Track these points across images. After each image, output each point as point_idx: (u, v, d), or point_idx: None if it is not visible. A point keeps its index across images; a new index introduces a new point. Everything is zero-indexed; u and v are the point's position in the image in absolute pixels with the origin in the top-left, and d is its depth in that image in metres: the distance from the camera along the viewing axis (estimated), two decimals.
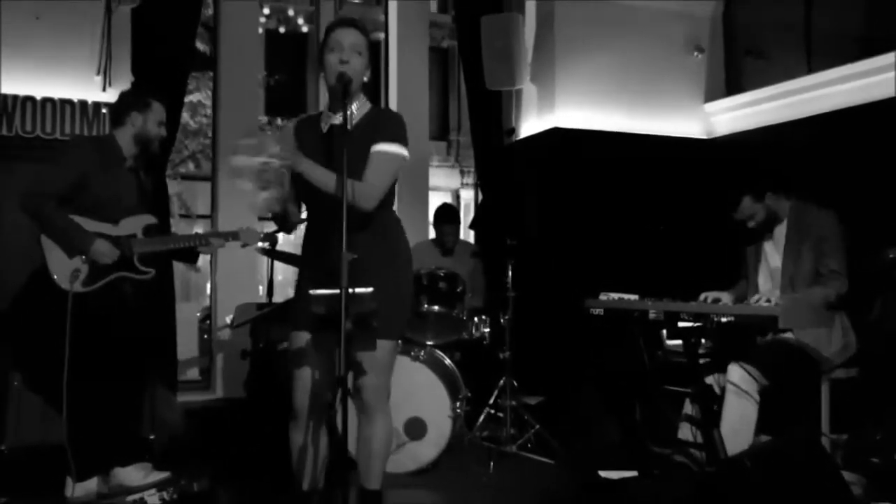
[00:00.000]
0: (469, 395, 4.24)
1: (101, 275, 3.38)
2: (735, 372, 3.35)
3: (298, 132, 2.69)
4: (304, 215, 2.80)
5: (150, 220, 3.56)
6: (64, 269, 3.32)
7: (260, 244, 4.28)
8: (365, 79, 2.62)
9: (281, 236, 4.20)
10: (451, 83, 17.68)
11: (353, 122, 2.61)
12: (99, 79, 4.72)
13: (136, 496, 3.38)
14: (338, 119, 2.60)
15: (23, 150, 4.50)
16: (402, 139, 2.61)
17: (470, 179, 17.15)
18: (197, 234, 3.77)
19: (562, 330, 5.04)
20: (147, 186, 3.70)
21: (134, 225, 3.50)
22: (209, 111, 13.62)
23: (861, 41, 5.39)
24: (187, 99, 5.82)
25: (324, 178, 2.45)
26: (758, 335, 3.47)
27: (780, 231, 3.56)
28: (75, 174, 3.33)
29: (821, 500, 2.71)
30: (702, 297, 3.42)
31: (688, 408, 3.54)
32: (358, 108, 2.65)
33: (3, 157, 4.46)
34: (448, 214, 5.07)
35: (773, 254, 3.60)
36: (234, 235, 3.73)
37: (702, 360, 3.48)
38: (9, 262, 4.18)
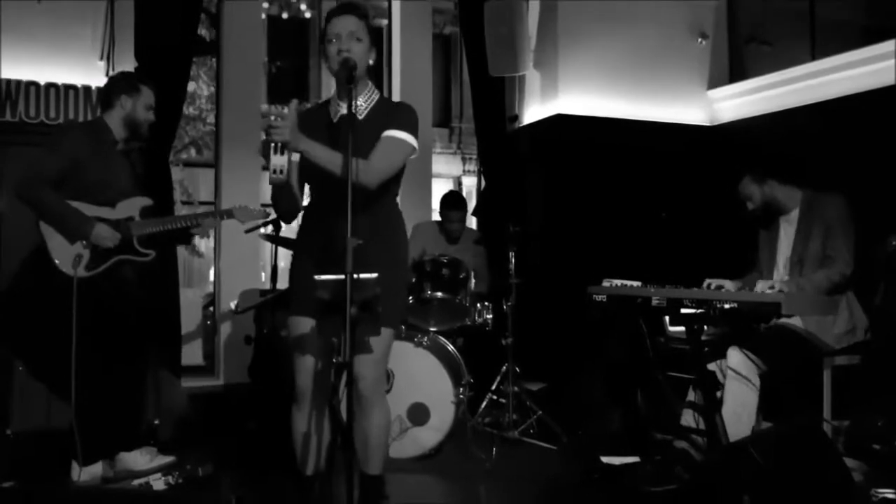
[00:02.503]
0: (472, 381, 4.25)
1: (102, 259, 3.39)
2: (734, 356, 3.35)
3: (304, 120, 2.66)
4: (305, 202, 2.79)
5: (145, 201, 3.57)
6: (66, 254, 3.33)
7: (263, 230, 4.29)
8: (370, 62, 2.61)
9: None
10: (454, 70, 17.61)
11: (364, 111, 2.61)
12: (102, 64, 4.71)
13: (142, 480, 3.40)
14: (346, 108, 2.59)
15: (26, 135, 4.50)
16: (413, 130, 2.61)
17: (472, 166, 17.11)
18: (193, 213, 3.78)
19: (564, 316, 5.05)
20: (139, 169, 3.70)
21: (130, 207, 3.51)
22: (207, 97, 13.60)
23: (864, 28, 5.38)
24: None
25: (327, 156, 2.43)
26: (761, 322, 3.48)
27: (794, 219, 3.57)
28: (69, 159, 3.33)
29: (822, 486, 2.72)
30: (705, 283, 3.43)
31: (691, 394, 3.55)
32: (367, 97, 2.64)
33: (7, 142, 4.46)
34: (455, 201, 5.02)
35: (785, 243, 3.61)
36: (228, 214, 3.75)
37: (705, 347, 3.49)
38: (15, 249, 4.18)
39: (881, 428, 3.36)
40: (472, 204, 5.90)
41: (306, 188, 2.73)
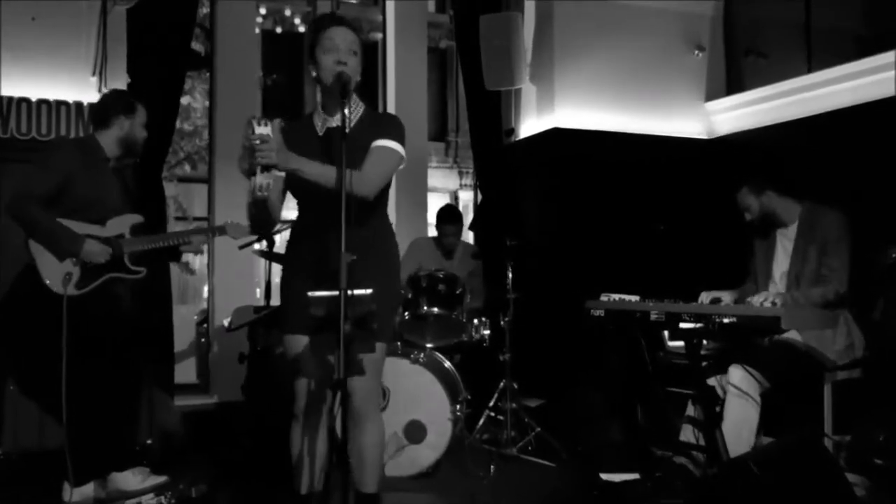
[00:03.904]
0: (469, 397, 4.22)
1: (93, 276, 3.36)
2: (736, 373, 3.33)
3: (289, 135, 2.61)
4: (284, 216, 2.76)
5: (136, 219, 3.55)
6: (56, 272, 3.30)
7: (257, 246, 4.26)
8: (358, 78, 2.59)
9: (278, 238, 4.19)
10: (450, 84, 17.69)
11: (351, 123, 2.59)
12: (95, 80, 4.71)
13: (134, 501, 3.37)
14: (335, 121, 2.57)
15: (18, 151, 4.48)
16: (401, 139, 2.59)
17: (469, 180, 17.16)
18: (185, 230, 3.76)
19: (562, 331, 5.03)
20: (130, 186, 3.68)
21: (121, 225, 3.48)
22: (202, 113, 13.63)
23: (860, 40, 5.40)
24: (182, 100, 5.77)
25: (318, 171, 2.40)
26: (761, 336, 3.45)
27: (791, 234, 3.55)
28: (60, 176, 3.31)
29: (824, 501, 2.69)
30: (701, 296, 3.40)
31: (690, 410, 3.52)
32: (353, 109, 2.62)
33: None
34: (450, 216, 5.02)
35: (782, 256, 3.59)
36: (220, 230, 3.74)
37: (704, 362, 3.46)
38: (5, 267, 4.14)
39: (883, 442, 3.33)
40: (469, 218, 5.89)
41: (292, 202, 2.70)
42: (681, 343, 3.40)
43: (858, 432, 3.40)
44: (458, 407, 3.99)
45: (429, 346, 4.30)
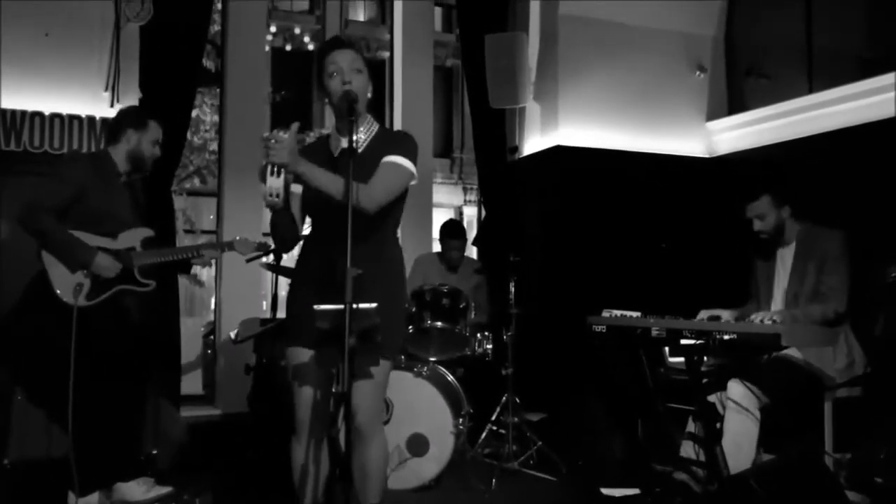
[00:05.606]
0: (471, 411, 4.23)
1: (103, 288, 3.40)
2: (735, 389, 3.34)
3: (305, 154, 2.62)
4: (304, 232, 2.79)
5: (147, 232, 3.59)
6: (67, 283, 3.34)
7: (264, 259, 4.30)
8: (368, 95, 2.63)
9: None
10: (455, 101, 17.81)
11: (364, 142, 2.62)
12: (107, 95, 4.77)
13: None
14: (347, 142, 2.60)
15: (31, 164, 4.53)
16: (412, 156, 2.61)
17: (473, 196, 17.25)
18: (194, 245, 3.79)
19: (564, 346, 5.05)
20: (141, 200, 3.73)
21: (132, 238, 3.52)
22: (210, 126, 13.71)
23: (861, 61, 5.44)
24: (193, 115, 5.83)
25: (326, 179, 2.42)
26: (761, 353, 3.47)
27: (789, 253, 3.58)
28: (73, 189, 3.35)
29: None
30: (699, 315, 3.42)
31: (691, 426, 3.53)
32: (367, 128, 2.65)
33: (12, 171, 4.49)
34: (454, 230, 5.05)
35: (783, 276, 3.61)
36: (229, 246, 3.77)
37: (704, 378, 3.48)
38: (15, 277, 4.19)
39: (883, 460, 3.33)
40: (473, 234, 5.92)
41: (307, 219, 2.74)
42: (681, 359, 3.42)
43: (859, 450, 3.41)
44: (460, 420, 4.01)
45: (432, 359, 4.32)
